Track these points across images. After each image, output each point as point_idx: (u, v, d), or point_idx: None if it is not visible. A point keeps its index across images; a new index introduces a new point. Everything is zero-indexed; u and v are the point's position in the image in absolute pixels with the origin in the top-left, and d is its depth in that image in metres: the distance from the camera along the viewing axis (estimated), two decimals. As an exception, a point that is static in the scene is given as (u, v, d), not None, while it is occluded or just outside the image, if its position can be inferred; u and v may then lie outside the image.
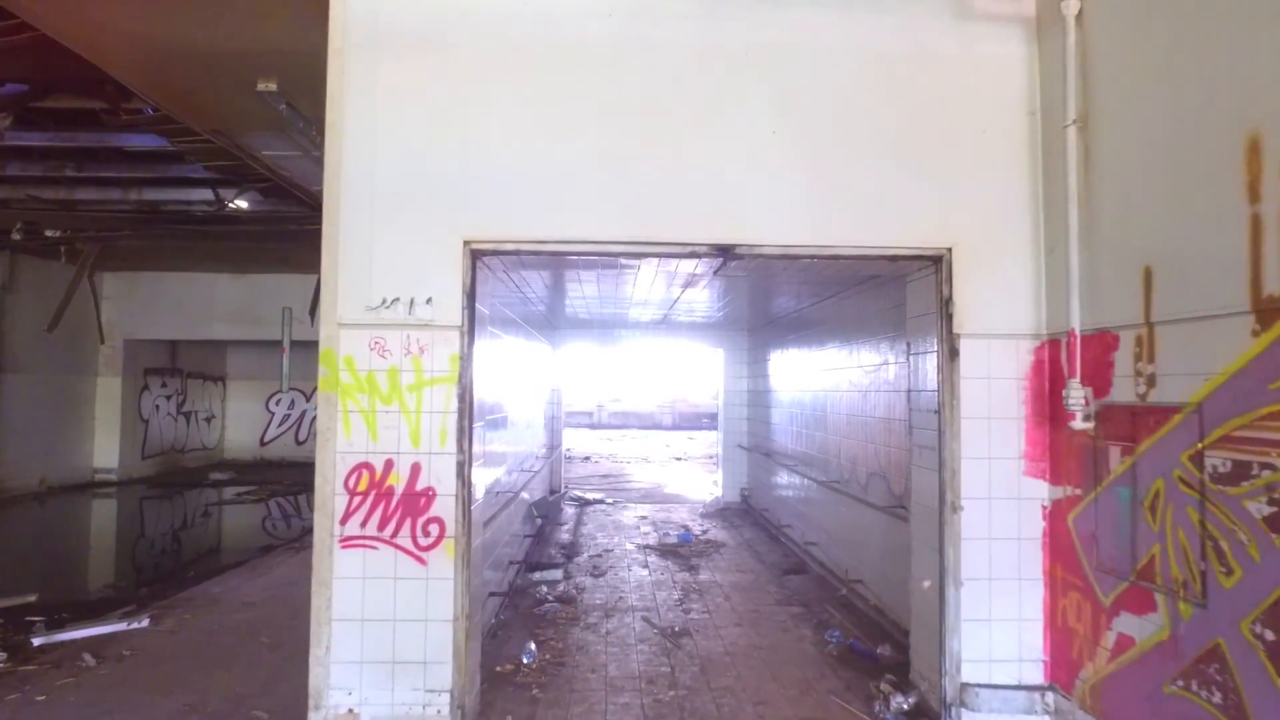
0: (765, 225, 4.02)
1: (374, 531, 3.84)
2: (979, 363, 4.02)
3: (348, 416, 3.87)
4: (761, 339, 11.01)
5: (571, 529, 10.01)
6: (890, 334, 5.81)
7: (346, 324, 3.89)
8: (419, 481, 3.87)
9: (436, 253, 3.92)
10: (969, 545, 3.96)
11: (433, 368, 3.90)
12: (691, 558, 8.35)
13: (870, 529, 6.13)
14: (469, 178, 3.95)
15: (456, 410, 3.89)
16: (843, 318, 7.02)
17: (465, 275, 3.93)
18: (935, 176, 4.07)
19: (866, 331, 6.35)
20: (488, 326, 5.17)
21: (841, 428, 7.06)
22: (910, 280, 4.51)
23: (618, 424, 35.66)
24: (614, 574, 7.56)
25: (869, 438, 6.28)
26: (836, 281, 6.09)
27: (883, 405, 5.97)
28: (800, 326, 8.67)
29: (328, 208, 3.93)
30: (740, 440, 11.87)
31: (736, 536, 9.61)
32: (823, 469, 7.62)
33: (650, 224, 3.98)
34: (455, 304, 3.91)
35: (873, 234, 4.04)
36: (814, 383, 8.06)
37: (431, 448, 3.88)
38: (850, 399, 6.81)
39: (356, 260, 3.90)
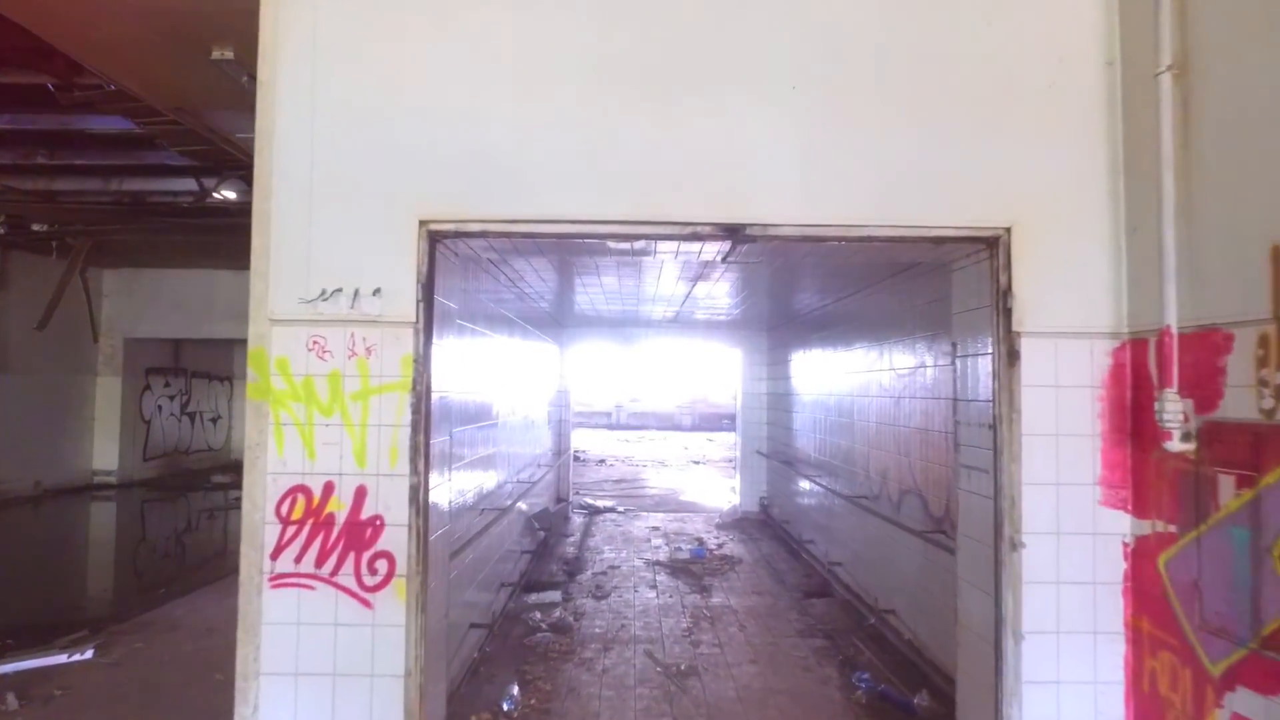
0: (782, 201, 3.32)
1: (310, 568, 3.21)
2: (1044, 367, 3.29)
3: (280, 430, 3.24)
4: (782, 338, 10.28)
5: (577, 541, 9.36)
6: (928, 332, 5.08)
7: (280, 320, 3.27)
8: (364, 508, 3.23)
9: (386, 235, 3.28)
10: (1032, 590, 3.24)
11: (382, 372, 3.26)
12: (704, 576, 7.66)
13: (904, 554, 5.41)
14: (426, 146, 3.31)
15: (410, 423, 3.24)
16: (872, 315, 6.29)
17: (421, 262, 3.29)
18: (990, 142, 3.34)
19: (900, 330, 5.63)
20: (466, 323, 4.54)
21: (870, 437, 6.33)
22: (956, 268, 3.79)
23: (636, 424, 35.01)
24: (618, 596, 6.89)
25: (902, 450, 5.55)
26: (867, 271, 5.37)
27: (919, 414, 5.24)
28: (824, 325, 7.94)
29: (258, 181, 3.31)
30: (759, 446, 11.15)
31: (754, 551, 8.90)
32: (849, 482, 6.89)
33: (644, 200, 3.30)
34: (408, 296, 3.27)
35: (913, 211, 3.33)
36: (839, 386, 7.33)
37: (379, 468, 3.24)
38: (881, 405, 6.08)
39: (292, 244, 3.27)
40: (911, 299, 5.38)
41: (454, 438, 4.32)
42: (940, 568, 4.76)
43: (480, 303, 5.21)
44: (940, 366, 4.84)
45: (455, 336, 4.25)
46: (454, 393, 4.28)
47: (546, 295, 7.55)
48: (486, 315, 5.48)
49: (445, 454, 3.77)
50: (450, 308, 3.74)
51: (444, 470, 3.73)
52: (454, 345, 4.14)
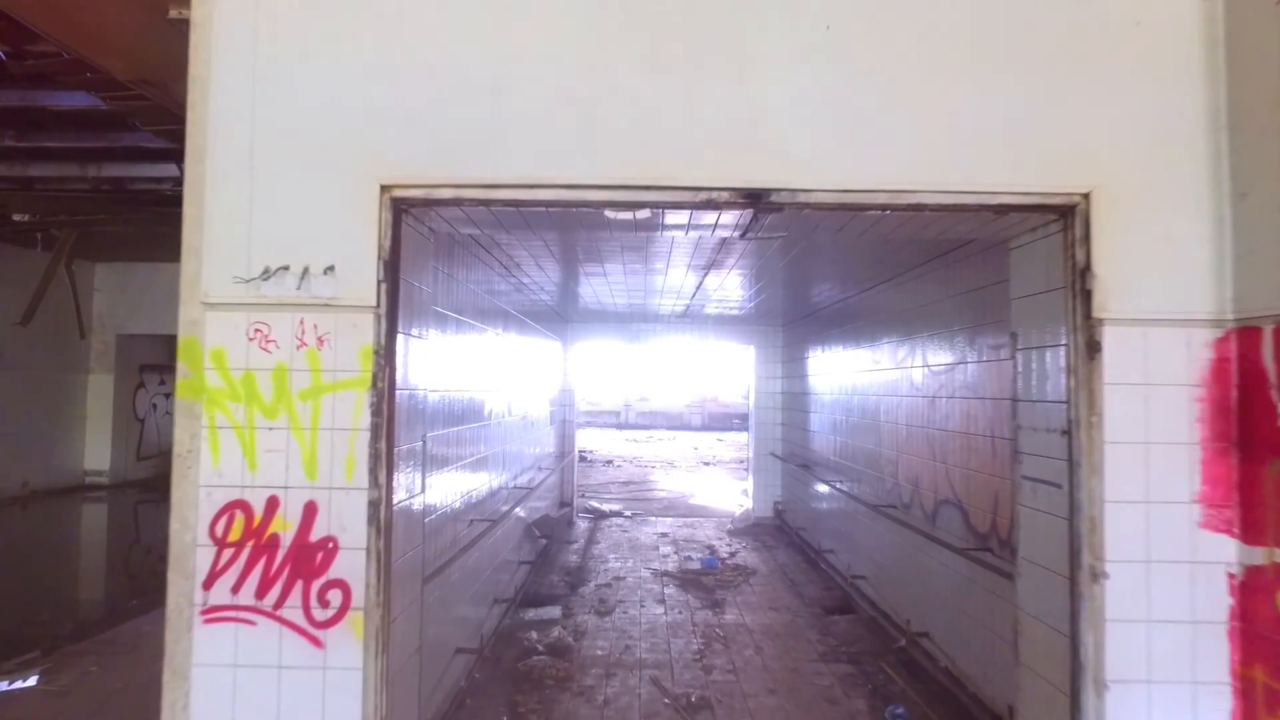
0: (814, 161, 2.78)
1: (250, 599, 2.70)
2: (1130, 361, 2.73)
3: (216, 434, 2.73)
4: (798, 334, 9.71)
5: (581, 549, 8.84)
6: (969, 325, 4.52)
7: (215, 303, 2.75)
8: (314, 528, 2.71)
9: (341, 203, 2.76)
10: (1118, 630, 2.68)
11: (336, 366, 2.74)
12: (717, 589, 7.12)
13: (940, 571, 4.85)
14: (388, 98, 2.78)
15: (370, 426, 2.72)
16: (902, 306, 5.73)
17: (383, 235, 2.76)
18: (1064, 91, 2.79)
19: (935, 322, 5.06)
20: (449, 312, 4.01)
21: (899, 440, 5.77)
22: (1016, 245, 3.23)
23: (645, 424, 34.48)
24: (623, 612, 6.36)
25: (938, 455, 4.99)
26: (900, 257, 4.81)
27: (958, 415, 4.68)
28: (845, 319, 7.38)
29: (191, 139, 2.79)
30: (774, 448, 10.58)
31: (769, 561, 8.35)
32: (873, 489, 6.33)
33: (648, 160, 2.76)
34: (367, 275, 2.74)
35: (972, 174, 2.77)
36: (863, 385, 6.77)
37: (333, 480, 2.72)
38: (911, 406, 5.52)
39: (230, 213, 2.75)
40: (948, 287, 4.82)
41: (433, 441, 3.81)
42: (985, 590, 4.21)
43: (469, 292, 4.69)
44: (986, 362, 4.28)
45: (435, 328, 3.73)
46: (434, 390, 3.76)
47: (547, 287, 7.03)
48: (478, 307, 4.96)
49: (420, 461, 3.25)
50: (423, 291, 3.22)
51: (418, 479, 3.21)
52: (432, 336, 3.62)
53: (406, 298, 2.97)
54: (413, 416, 3.10)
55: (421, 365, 3.27)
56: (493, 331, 5.52)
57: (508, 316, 6.17)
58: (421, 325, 3.22)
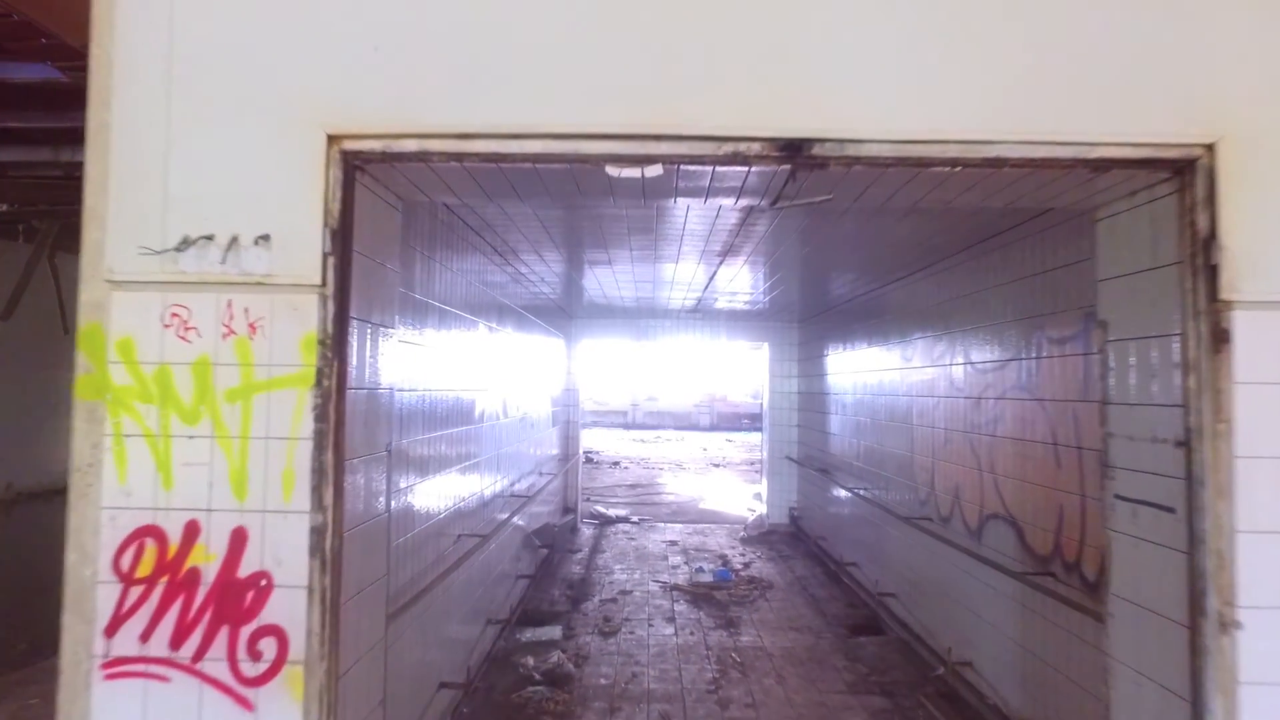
0: (867, 105, 2.22)
1: (163, 650, 2.16)
2: (1270, 354, 2.17)
3: (123, 444, 2.20)
4: (816, 331, 9.15)
5: (585, 558, 8.30)
6: (1025, 315, 3.96)
7: (123, 280, 2.22)
8: (244, 561, 2.18)
9: (278, 156, 2.22)
10: (1255, 696, 2.11)
11: (272, 359, 2.20)
12: (731, 606, 6.57)
13: (986, 595, 4.29)
14: (337, 26, 2.24)
15: (313, 434, 2.18)
16: (940, 297, 5.16)
17: (331, 196, 2.23)
18: (1179, 15, 2.23)
19: (981, 314, 4.50)
20: (430, 300, 3.48)
21: (935, 446, 5.20)
22: (1107, 215, 2.66)
23: (653, 424, 33.92)
24: (629, 632, 5.82)
25: (984, 463, 4.43)
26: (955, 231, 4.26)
27: (1011, 419, 4.11)
28: (871, 313, 6.81)
29: (94, 80, 2.26)
30: (789, 451, 10.02)
31: (786, 573, 7.79)
32: (905, 498, 5.77)
33: (660, 102, 2.21)
34: (311, 247, 2.20)
35: (1065, 120, 2.21)
36: (891, 384, 6.20)
37: (267, 501, 2.18)
38: (950, 408, 4.95)
39: (141, 170, 2.22)
40: (999, 273, 4.26)
41: (409, 449, 3.27)
42: (1046, 621, 3.65)
43: (458, 280, 4.16)
44: (1048, 358, 3.72)
45: (411, 318, 3.20)
46: (407, 389, 3.23)
47: (548, 278, 6.49)
48: (470, 298, 4.43)
49: (385, 473, 2.71)
50: (389, 272, 2.68)
51: (381, 496, 2.67)
52: (405, 327, 3.09)
53: (365, 277, 2.43)
54: (374, 420, 2.57)
55: (390, 360, 2.74)
56: (486, 325, 4.99)
57: (505, 310, 5.63)
58: (387, 312, 2.68)
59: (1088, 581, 3.35)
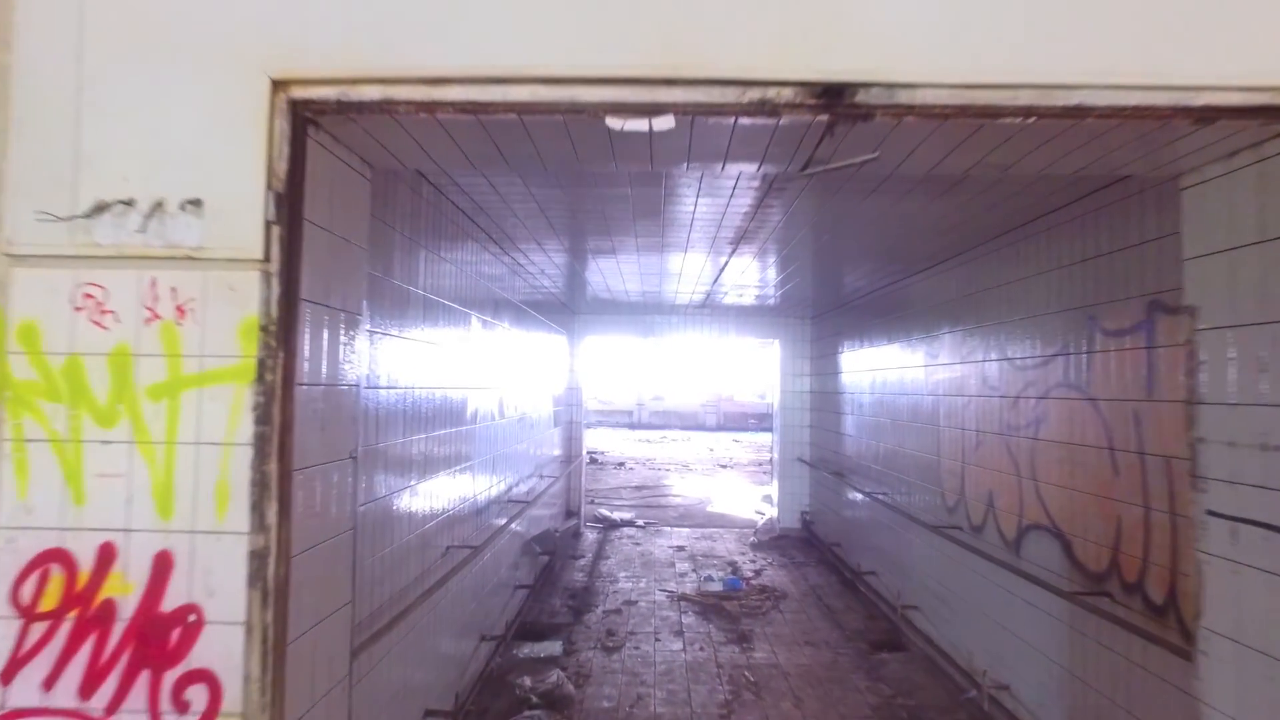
0: (922, 42, 1.84)
1: (71, 700, 1.80)
2: None
3: (24, 450, 1.83)
4: (831, 327, 8.75)
5: (589, 564, 7.93)
6: (1076, 304, 3.57)
7: (24, 255, 1.85)
8: (169, 592, 1.81)
9: (213, 104, 1.85)
10: (1401, 763, 1.73)
11: (205, 349, 1.84)
12: (742, 618, 6.19)
13: (1026, 613, 3.90)
14: (287, -52, 1.87)
15: (254, 438, 1.82)
16: (972, 288, 4.77)
17: (276, 153, 1.86)
18: (1301, -67, 1.84)
19: (1022, 305, 4.11)
20: (410, 286, 3.11)
21: (965, 449, 4.81)
22: (1195, 183, 2.27)
23: (659, 424, 33.54)
24: (634, 647, 5.44)
25: (1024, 469, 4.04)
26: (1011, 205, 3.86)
27: (1056, 420, 3.72)
28: (891, 307, 6.42)
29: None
30: (801, 453, 9.62)
31: (799, 581, 7.40)
32: (930, 505, 5.37)
33: (672, 39, 1.84)
34: (252, 213, 1.84)
35: (1159, 59, 1.82)
36: (914, 383, 5.81)
37: (197, 520, 1.82)
38: (983, 408, 4.56)
39: (47, 121, 1.85)
40: (1044, 259, 3.87)
41: (387, 453, 2.90)
42: (1099, 645, 3.26)
43: (448, 269, 3.79)
44: (1103, 352, 3.32)
45: (387, 305, 2.83)
46: (383, 386, 2.86)
47: (549, 270, 6.12)
48: (462, 288, 4.06)
49: (349, 482, 2.34)
50: (355, 250, 2.31)
51: (345, 509, 2.30)
52: (378, 313, 2.72)
53: (321, 253, 2.06)
54: (335, 422, 2.19)
55: (358, 352, 2.37)
56: (480, 319, 4.62)
57: (502, 303, 5.26)
58: (352, 297, 2.31)
59: (1153, 605, 2.96)
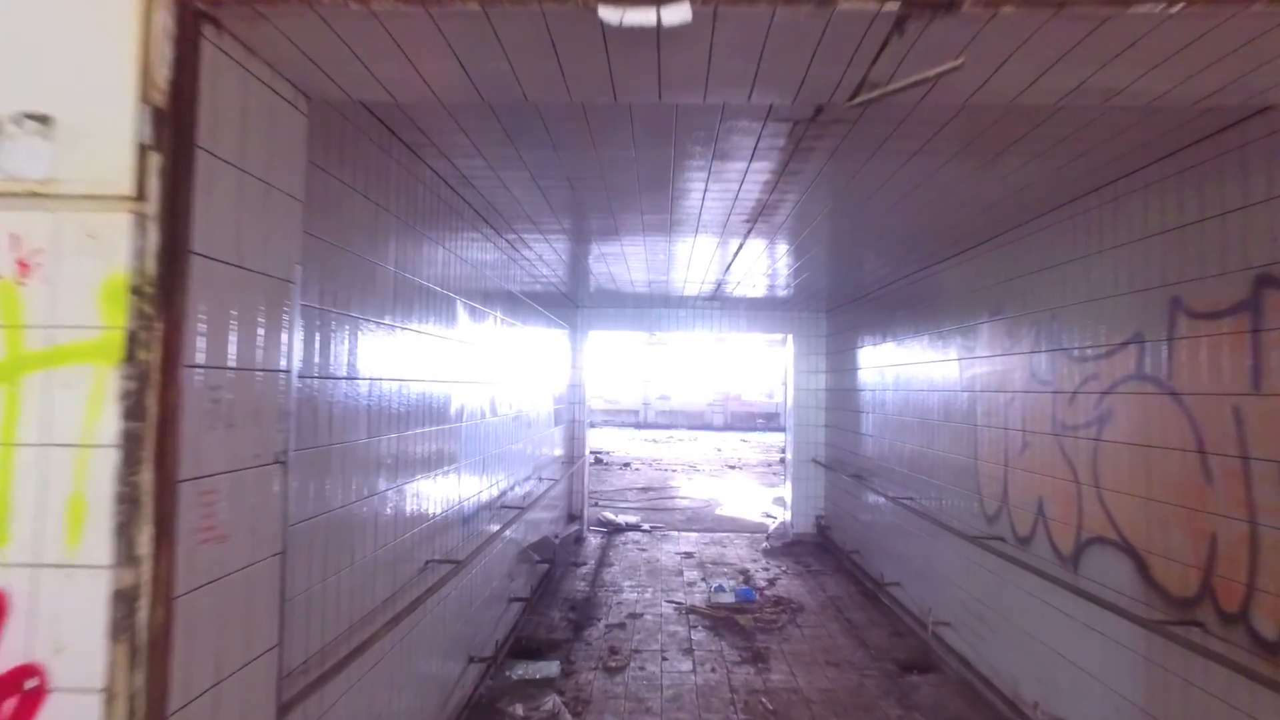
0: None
1: None
2: None
3: None
4: (848, 320, 8.25)
5: (591, 573, 7.44)
6: (1145, 286, 3.07)
7: None
8: (1, 648, 1.34)
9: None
10: None
11: (56, 316, 1.36)
12: (757, 634, 5.69)
13: (1085, 637, 3.40)
14: None
15: (120, 438, 1.34)
16: (1016, 271, 4.27)
17: (153, 54, 1.38)
18: None
19: (1076, 289, 3.61)
20: (376, 260, 2.63)
21: (1008, 451, 4.31)
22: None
23: (665, 423, 33.06)
24: (639, 667, 4.95)
25: (1082, 474, 3.54)
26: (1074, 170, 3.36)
27: (1125, 418, 3.22)
28: (918, 298, 5.91)
29: None
30: (815, 454, 9.12)
31: (816, 591, 6.90)
32: (966, 511, 4.87)
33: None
34: (119, 134, 1.36)
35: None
36: (946, 378, 5.31)
37: (41, 550, 1.34)
38: (1031, 405, 4.06)
39: None
40: (1105, 235, 3.37)
41: (344, 456, 2.43)
42: (1188, 683, 2.76)
43: (427, 247, 3.32)
44: (1189, 338, 2.82)
45: (344, 278, 2.34)
46: (350, 376, 2.38)
47: (548, 257, 5.65)
48: (444, 271, 3.58)
49: (280, 494, 1.86)
50: (283, 200, 1.83)
51: (269, 530, 1.82)
52: (332, 289, 2.24)
53: (227, 195, 1.58)
54: (250, 417, 1.72)
55: (290, 329, 1.89)
56: (468, 306, 4.15)
57: (496, 291, 4.78)
58: (281, 259, 1.83)
59: (1262, 640, 2.46)
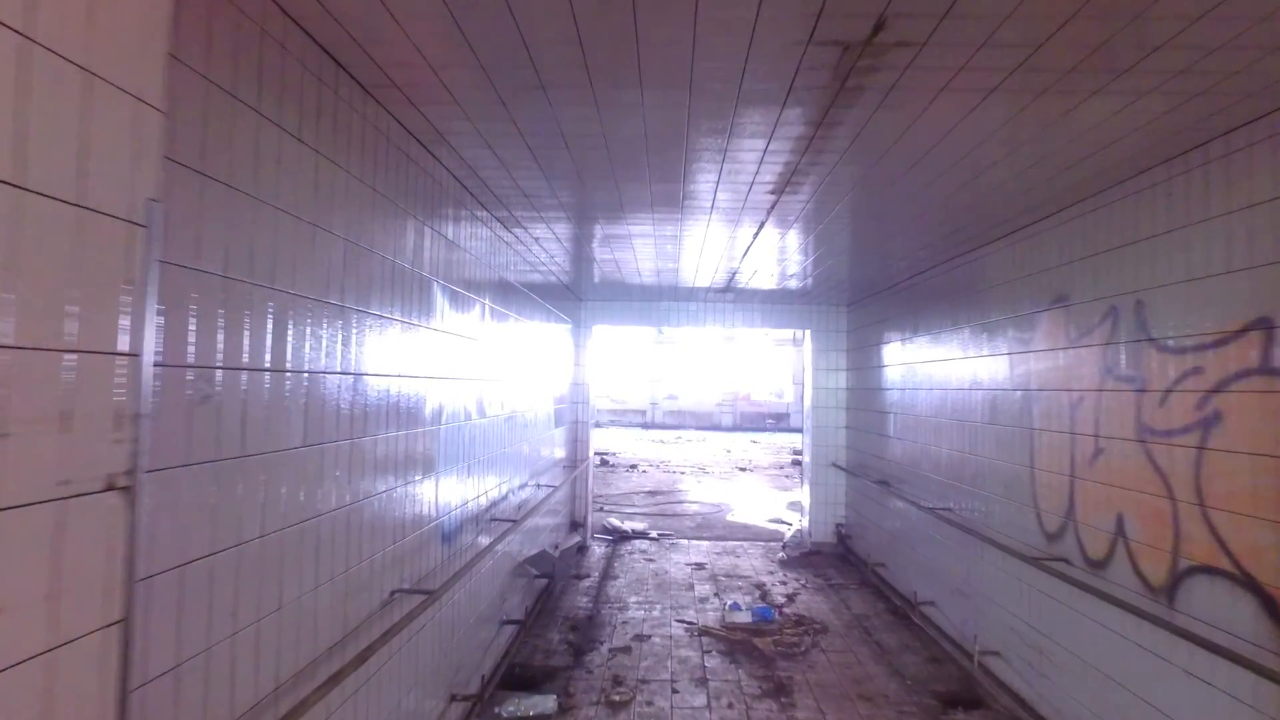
0: None
1: None
2: None
3: None
4: (872, 314, 7.65)
5: (594, 587, 6.87)
6: (1277, 258, 2.47)
7: None
8: None
9: None
10: None
11: None
12: (778, 660, 5.11)
13: (1188, 687, 2.80)
14: None
15: None
16: (1079, 253, 3.67)
17: None
18: None
19: (1172, 267, 3.01)
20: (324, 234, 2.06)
21: (1078, 458, 3.71)
22: None
23: (673, 424, 32.47)
24: (646, 702, 4.38)
25: (1178, 488, 2.94)
26: (1179, 118, 2.76)
27: (1246, 422, 2.62)
28: (955, 288, 5.31)
29: None
30: (835, 457, 8.52)
31: (840, 609, 6.31)
32: (1019, 526, 4.28)
33: None
34: None
35: None
36: (992, 376, 4.71)
37: None
38: (1104, 406, 3.46)
39: None
40: (1215, 199, 2.78)
41: (255, 470, 1.86)
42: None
43: (391, 216, 2.75)
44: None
45: (256, 240, 1.78)
46: (277, 368, 1.81)
47: (545, 239, 5.08)
48: (413, 249, 3.02)
49: (126, 529, 1.30)
50: (116, 99, 1.27)
51: (126, 572, 1.25)
52: (244, 247, 1.67)
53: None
54: (56, 423, 1.15)
55: (140, 294, 1.33)
56: (446, 289, 3.58)
57: (484, 277, 4.21)
58: (112, 182, 1.27)
59: None
